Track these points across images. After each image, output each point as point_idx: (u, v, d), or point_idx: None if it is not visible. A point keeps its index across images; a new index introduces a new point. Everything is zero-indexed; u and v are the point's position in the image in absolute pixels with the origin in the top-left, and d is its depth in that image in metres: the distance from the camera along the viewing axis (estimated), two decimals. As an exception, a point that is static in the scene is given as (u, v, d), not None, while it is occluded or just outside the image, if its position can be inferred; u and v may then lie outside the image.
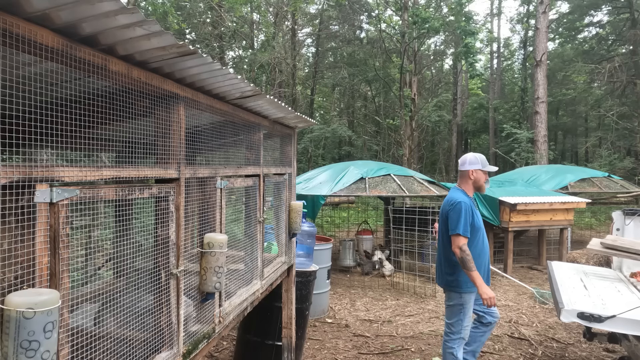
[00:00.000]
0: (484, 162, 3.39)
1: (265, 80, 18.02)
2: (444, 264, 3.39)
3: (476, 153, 3.46)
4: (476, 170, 3.36)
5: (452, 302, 3.36)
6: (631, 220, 4.43)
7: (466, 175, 3.39)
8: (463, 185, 3.42)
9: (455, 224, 3.17)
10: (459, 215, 3.17)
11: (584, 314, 2.94)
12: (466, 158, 3.43)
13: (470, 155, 3.42)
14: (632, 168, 16.23)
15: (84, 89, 1.60)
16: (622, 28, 19.68)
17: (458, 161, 3.52)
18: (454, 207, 3.22)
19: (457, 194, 3.33)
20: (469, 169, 3.37)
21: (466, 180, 3.40)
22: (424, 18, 13.34)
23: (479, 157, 3.39)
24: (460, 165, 3.44)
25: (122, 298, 1.62)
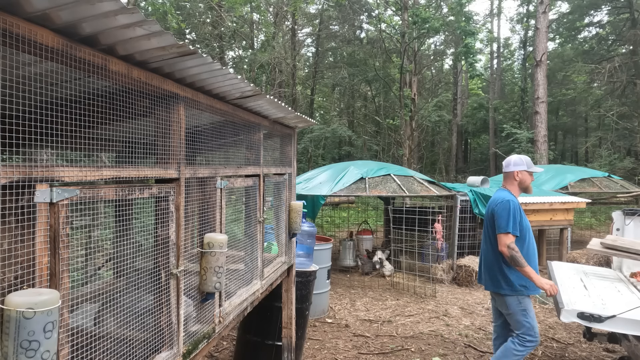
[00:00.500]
0: (529, 163, 3.33)
1: (265, 80, 18.02)
2: (495, 268, 3.24)
3: (520, 154, 3.39)
4: (522, 171, 3.31)
5: (511, 310, 3.20)
6: (631, 220, 4.43)
7: (511, 176, 3.34)
8: (509, 187, 3.35)
9: (504, 222, 3.10)
10: (508, 213, 3.11)
11: (584, 314, 2.94)
12: (510, 160, 3.36)
13: (515, 157, 3.37)
14: (632, 168, 16.22)
15: (84, 89, 1.60)
16: (622, 28, 19.68)
17: (502, 163, 3.45)
18: (502, 206, 3.15)
19: (504, 194, 3.27)
20: (514, 170, 3.32)
21: (511, 182, 3.34)
22: (424, 18, 13.34)
23: (523, 159, 3.34)
24: (505, 167, 3.38)
25: (122, 298, 1.62)
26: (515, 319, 3.21)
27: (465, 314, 5.64)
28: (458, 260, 7.14)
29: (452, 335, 4.91)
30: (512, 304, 3.20)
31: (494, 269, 3.26)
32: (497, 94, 27.28)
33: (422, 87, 24.16)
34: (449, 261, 7.28)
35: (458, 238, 7.29)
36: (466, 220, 7.39)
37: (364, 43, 22.64)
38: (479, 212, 7.55)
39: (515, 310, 3.19)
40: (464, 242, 7.38)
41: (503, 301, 3.25)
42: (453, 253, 7.29)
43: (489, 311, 5.74)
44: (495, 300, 3.40)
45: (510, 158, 3.40)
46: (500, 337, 3.50)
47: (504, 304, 3.25)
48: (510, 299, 3.20)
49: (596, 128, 24.26)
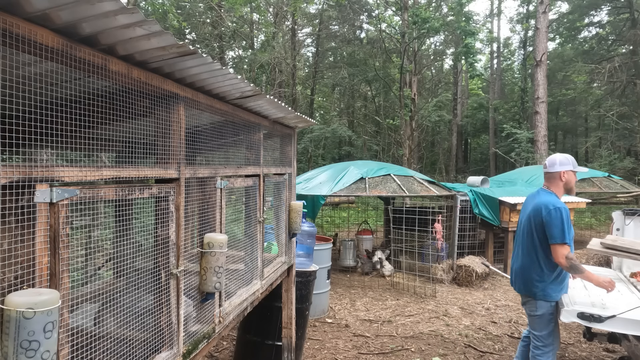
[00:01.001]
0: (574, 163, 3.20)
1: (265, 80, 18.02)
2: (531, 270, 3.15)
3: (565, 153, 3.27)
4: (568, 171, 3.17)
5: (540, 312, 3.13)
6: (631, 220, 4.43)
7: (557, 176, 3.18)
8: (553, 188, 3.20)
9: (560, 232, 2.95)
10: (562, 222, 2.96)
11: (584, 314, 2.94)
12: (556, 159, 3.20)
13: (560, 156, 3.21)
14: (632, 168, 16.22)
15: (84, 89, 1.60)
16: (622, 28, 19.68)
17: (545, 163, 3.28)
18: (554, 213, 2.99)
19: (551, 198, 3.10)
20: (560, 170, 3.17)
21: (556, 182, 3.19)
22: (424, 18, 13.34)
23: (569, 158, 3.20)
24: (550, 167, 3.21)
25: (122, 298, 1.61)
26: (541, 321, 3.17)
27: (465, 314, 5.64)
28: (458, 260, 7.14)
29: (452, 335, 4.91)
30: (542, 306, 3.14)
31: (530, 274, 3.17)
32: (497, 94, 27.28)
33: (422, 87, 24.17)
34: (449, 261, 7.28)
35: (458, 238, 7.29)
36: (466, 220, 7.39)
37: (364, 43, 22.64)
38: (479, 212, 7.55)
39: (544, 312, 3.14)
40: (464, 242, 7.38)
41: (533, 302, 3.19)
42: (453, 253, 7.29)
43: (489, 311, 5.74)
44: (523, 301, 3.33)
45: (555, 157, 3.23)
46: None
47: (534, 305, 3.19)
48: (542, 303, 3.14)
49: (596, 128, 24.26)
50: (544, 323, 3.16)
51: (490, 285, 6.98)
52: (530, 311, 3.23)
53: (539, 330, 3.19)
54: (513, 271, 3.36)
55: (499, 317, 5.50)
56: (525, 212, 3.28)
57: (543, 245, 3.10)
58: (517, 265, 3.30)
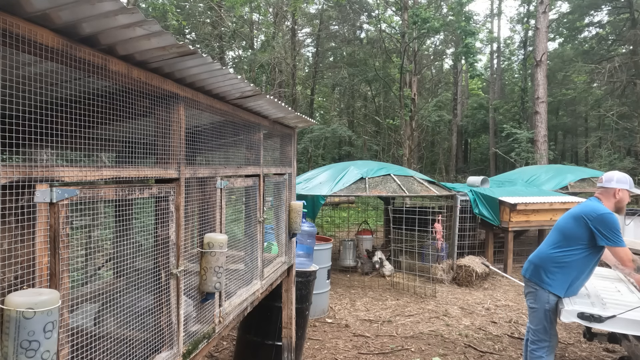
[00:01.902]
0: (631, 184, 3.22)
1: (265, 80, 18.02)
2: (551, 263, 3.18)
3: (624, 173, 3.29)
4: (623, 190, 3.19)
5: (538, 305, 3.20)
6: (631, 220, 4.43)
7: (611, 193, 3.20)
8: (604, 202, 3.22)
9: (617, 236, 2.97)
10: (616, 225, 2.98)
11: (584, 314, 2.94)
12: (614, 176, 3.22)
13: (619, 174, 3.23)
14: (632, 168, 16.20)
15: (84, 89, 1.60)
16: (622, 28, 19.68)
17: (601, 177, 3.31)
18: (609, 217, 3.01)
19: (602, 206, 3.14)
20: (617, 187, 3.19)
21: (609, 198, 3.21)
22: (424, 18, 13.34)
23: (627, 178, 3.22)
24: (607, 182, 3.24)
25: (122, 298, 1.62)
26: (537, 315, 3.22)
27: (465, 314, 5.64)
28: (458, 260, 7.14)
29: (452, 335, 4.91)
30: (541, 298, 3.18)
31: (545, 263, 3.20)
32: (497, 94, 27.27)
33: (422, 87, 24.17)
34: (449, 261, 7.28)
35: (458, 238, 7.29)
36: (466, 220, 7.39)
37: (364, 43, 22.65)
38: (479, 212, 7.55)
39: (541, 306, 3.19)
40: (464, 242, 7.38)
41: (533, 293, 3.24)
42: (453, 253, 7.29)
43: (489, 311, 5.74)
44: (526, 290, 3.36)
45: (613, 174, 3.25)
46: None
47: (533, 295, 3.25)
48: (541, 293, 3.18)
49: (596, 128, 24.25)
50: (539, 317, 3.22)
51: (490, 285, 6.98)
52: (529, 303, 3.31)
53: (534, 324, 3.27)
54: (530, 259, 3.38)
55: (499, 317, 5.50)
56: (569, 214, 3.29)
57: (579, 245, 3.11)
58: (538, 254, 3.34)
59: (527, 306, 3.37)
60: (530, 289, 3.28)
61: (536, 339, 3.24)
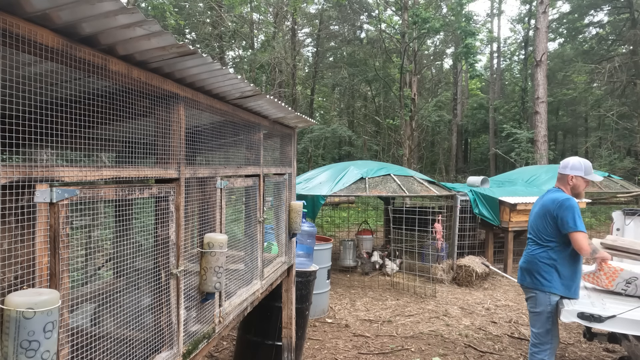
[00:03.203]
0: (587, 170, 3.18)
1: (265, 80, 18.02)
2: (538, 263, 3.17)
3: (582, 158, 3.24)
4: (577, 176, 3.18)
5: (540, 308, 3.17)
6: (631, 220, 4.43)
7: (565, 179, 3.21)
8: (562, 188, 3.24)
9: (574, 222, 2.98)
10: (574, 212, 2.99)
11: (584, 314, 2.94)
12: (569, 162, 3.22)
13: (575, 160, 3.22)
14: (632, 168, 16.22)
15: (84, 89, 1.60)
16: (622, 28, 19.68)
17: (561, 162, 3.31)
18: (565, 205, 3.02)
19: (560, 193, 3.15)
20: (570, 174, 3.19)
21: (564, 185, 3.22)
22: (424, 18, 13.34)
23: (583, 163, 3.19)
24: (562, 169, 3.24)
25: (122, 298, 1.61)
26: (539, 318, 3.20)
27: (465, 314, 5.64)
28: (458, 260, 7.14)
29: (452, 335, 4.91)
30: (542, 301, 3.16)
31: (536, 265, 3.19)
32: (497, 94, 27.27)
33: (422, 87, 24.16)
34: (449, 261, 7.28)
35: (458, 238, 7.29)
36: (466, 220, 7.39)
37: (364, 43, 22.64)
38: (479, 212, 7.55)
39: (542, 309, 3.17)
40: (464, 242, 7.38)
41: (533, 297, 3.22)
42: (453, 253, 7.29)
43: (489, 311, 5.74)
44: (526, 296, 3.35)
45: (569, 160, 3.25)
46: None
47: (533, 299, 3.22)
48: (541, 296, 3.16)
49: (596, 128, 24.26)
50: (542, 321, 3.19)
51: (490, 285, 6.98)
52: (530, 307, 3.28)
53: (537, 327, 3.23)
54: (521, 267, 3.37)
55: (499, 317, 5.50)
56: (534, 210, 3.33)
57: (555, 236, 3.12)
58: (526, 259, 3.32)
59: (528, 310, 3.33)
60: (530, 294, 3.25)
61: (538, 342, 3.21)
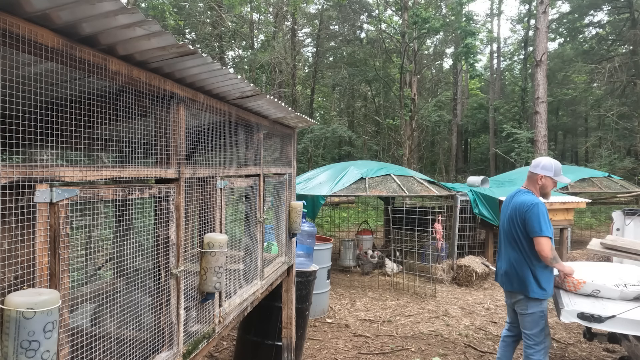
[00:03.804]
0: (557, 171, 3.24)
1: (265, 80, 18.02)
2: (518, 269, 3.20)
3: (553, 160, 3.29)
4: (546, 177, 3.23)
5: (532, 310, 3.18)
6: (631, 220, 4.43)
7: (535, 179, 3.26)
8: (531, 188, 3.29)
9: (539, 226, 3.03)
10: (541, 216, 3.05)
11: (584, 314, 2.94)
12: (540, 162, 3.27)
13: (546, 160, 3.27)
14: (632, 168, 16.22)
15: (84, 89, 1.60)
16: (622, 28, 19.68)
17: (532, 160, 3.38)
18: (534, 209, 3.07)
19: (530, 197, 3.19)
20: (540, 173, 3.24)
21: (534, 184, 3.27)
22: (424, 18, 13.34)
23: (553, 164, 3.24)
24: (532, 167, 3.29)
25: (122, 298, 1.61)
26: (532, 319, 3.21)
27: (465, 314, 5.64)
28: (458, 260, 7.14)
29: (452, 335, 4.91)
30: (532, 304, 3.18)
31: (519, 271, 3.20)
32: (497, 94, 27.27)
33: (422, 87, 24.17)
34: (449, 261, 7.28)
35: (458, 238, 7.29)
36: (466, 220, 7.39)
37: (364, 43, 22.64)
38: (479, 212, 7.55)
39: (534, 310, 3.18)
40: (464, 242, 7.38)
41: (523, 301, 3.22)
42: (453, 253, 7.29)
43: (489, 311, 5.74)
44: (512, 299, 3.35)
45: (541, 160, 3.30)
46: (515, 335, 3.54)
47: (524, 303, 3.22)
48: (532, 302, 3.18)
49: (596, 128, 24.26)
50: (535, 321, 3.20)
51: (490, 285, 6.98)
52: (521, 310, 3.26)
53: (530, 329, 3.22)
54: (502, 271, 3.39)
55: (499, 317, 5.50)
56: (506, 213, 3.36)
57: (527, 240, 3.17)
58: (506, 264, 3.34)
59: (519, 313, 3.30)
60: (518, 296, 3.25)
61: (533, 342, 3.20)
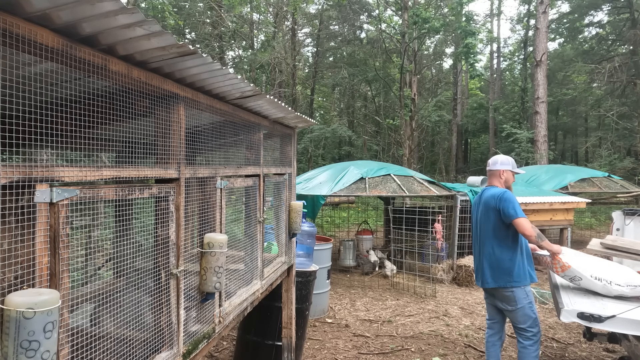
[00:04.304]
0: (513, 164, 3.51)
1: (265, 80, 18.02)
2: (500, 261, 3.30)
3: (506, 155, 3.58)
4: (506, 170, 3.47)
5: (520, 304, 3.26)
6: (631, 220, 4.43)
7: (497, 174, 3.48)
8: (494, 184, 3.50)
9: (514, 210, 3.19)
10: (513, 201, 3.21)
11: (584, 314, 2.94)
12: (497, 159, 3.52)
13: (502, 157, 3.54)
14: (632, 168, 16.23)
15: (84, 89, 1.60)
16: (622, 28, 19.69)
17: (488, 161, 3.60)
18: (504, 197, 3.25)
19: (497, 189, 3.38)
20: (500, 168, 3.47)
21: (497, 180, 3.48)
22: (424, 18, 13.34)
23: (509, 159, 3.52)
24: (492, 165, 3.52)
25: (122, 298, 1.61)
26: (523, 312, 3.27)
27: (465, 314, 5.64)
28: (458, 260, 7.14)
29: (452, 335, 4.91)
30: (519, 296, 3.25)
31: (501, 263, 3.29)
32: (497, 94, 27.27)
33: (422, 87, 24.17)
34: (449, 261, 7.28)
35: (458, 238, 7.29)
36: (466, 220, 7.39)
37: (364, 43, 22.65)
38: (479, 212, 7.54)
39: (523, 303, 3.26)
40: (464, 242, 7.38)
41: (510, 296, 3.28)
42: (453, 253, 7.29)
43: (489, 311, 5.74)
44: (496, 297, 3.42)
45: (497, 157, 3.54)
46: (497, 333, 3.58)
47: (511, 298, 3.28)
48: (518, 292, 3.26)
49: (596, 128, 24.27)
50: (526, 314, 3.26)
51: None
52: (510, 307, 3.32)
53: (524, 322, 3.28)
54: (482, 270, 3.45)
55: (499, 317, 5.50)
56: (478, 211, 3.53)
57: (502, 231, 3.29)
58: (486, 261, 3.41)
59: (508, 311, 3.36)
60: (505, 293, 3.30)
61: (531, 334, 3.27)
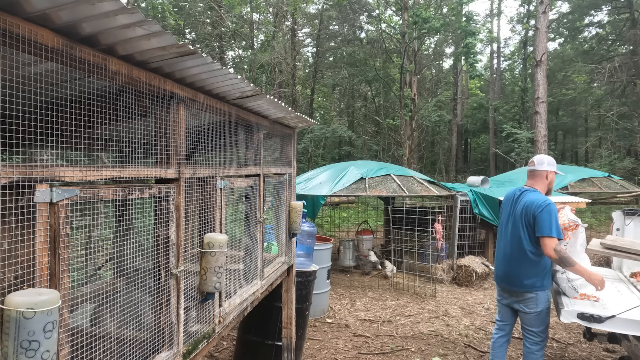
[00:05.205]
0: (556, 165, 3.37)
1: (265, 80, 18.02)
2: (523, 267, 3.19)
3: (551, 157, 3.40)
4: (552, 172, 3.32)
5: (540, 308, 3.19)
6: (631, 220, 4.43)
7: (542, 175, 3.31)
8: (537, 186, 3.31)
9: (549, 226, 3.04)
10: (552, 216, 3.06)
11: (584, 314, 2.94)
12: (544, 159, 3.33)
13: (548, 157, 3.35)
14: (632, 168, 16.23)
15: (84, 89, 1.60)
16: (622, 28, 19.68)
17: (532, 160, 3.39)
18: (545, 208, 3.08)
19: (540, 195, 3.21)
20: (548, 169, 3.30)
21: (542, 181, 3.31)
22: (424, 18, 13.34)
23: (554, 160, 3.37)
24: (538, 165, 3.32)
25: (122, 298, 1.61)
26: (541, 317, 3.22)
27: (465, 314, 5.64)
28: (458, 260, 7.14)
29: (452, 335, 4.91)
30: (542, 300, 3.19)
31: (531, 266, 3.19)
32: (497, 94, 27.27)
33: (422, 87, 24.16)
34: (449, 261, 7.28)
35: (458, 238, 7.29)
36: (466, 220, 7.39)
37: (364, 43, 22.64)
38: (479, 212, 7.55)
39: (543, 307, 3.20)
40: (464, 242, 7.38)
41: (533, 298, 3.20)
42: (453, 253, 7.29)
43: (489, 311, 5.74)
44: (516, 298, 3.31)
45: (543, 157, 3.35)
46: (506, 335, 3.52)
47: (534, 301, 3.20)
48: (542, 295, 3.19)
49: (596, 128, 24.28)
50: (542, 318, 3.22)
51: (490, 285, 6.97)
52: (529, 309, 3.23)
53: (537, 326, 3.23)
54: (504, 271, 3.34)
55: (499, 317, 5.50)
56: (511, 211, 3.34)
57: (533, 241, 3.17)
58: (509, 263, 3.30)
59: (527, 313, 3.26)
60: (529, 295, 3.22)
61: (539, 339, 3.22)
